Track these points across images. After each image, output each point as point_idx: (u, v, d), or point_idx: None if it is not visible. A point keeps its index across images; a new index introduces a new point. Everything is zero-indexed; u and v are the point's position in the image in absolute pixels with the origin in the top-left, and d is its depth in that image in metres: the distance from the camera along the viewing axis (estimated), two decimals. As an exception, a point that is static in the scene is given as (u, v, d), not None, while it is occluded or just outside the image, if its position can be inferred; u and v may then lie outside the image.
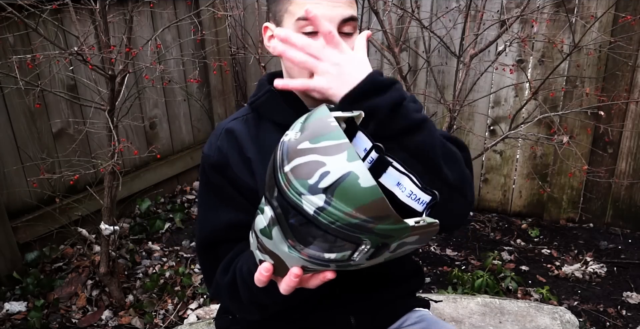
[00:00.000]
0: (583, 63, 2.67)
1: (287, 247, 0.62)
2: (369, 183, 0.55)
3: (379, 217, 0.56)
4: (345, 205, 0.55)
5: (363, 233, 0.57)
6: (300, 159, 0.58)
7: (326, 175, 0.56)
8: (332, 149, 0.57)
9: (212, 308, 2.25)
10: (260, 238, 0.65)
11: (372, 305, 1.06)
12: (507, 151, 3.02)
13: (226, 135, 0.96)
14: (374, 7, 2.23)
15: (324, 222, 0.57)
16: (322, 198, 0.56)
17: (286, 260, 0.64)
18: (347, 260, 0.61)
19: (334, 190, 0.55)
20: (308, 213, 0.57)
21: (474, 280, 2.30)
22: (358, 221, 0.56)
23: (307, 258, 0.62)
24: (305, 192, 0.57)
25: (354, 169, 0.55)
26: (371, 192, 0.55)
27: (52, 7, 1.81)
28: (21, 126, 2.34)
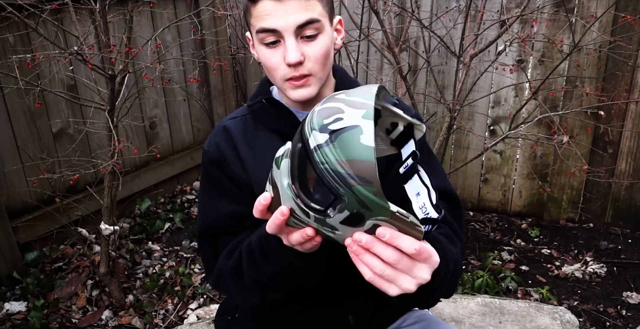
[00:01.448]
0: (583, 63, 2.66)
1: (287, 183, 0.65)
2: (368, 142, 0.58)
3: (363, 178, 0.58)
4: (340, 152, 0.59)
5: (343, 187, 0.59)
6: (330, 103, 0.65)
7: (339, 120, 0.61)
8: (357, 104, 0.62)
9: (212, 308, 2.25)
10: (273, 167, 0.69)
11: (370, 305, 1.06)
12: (507, 151, 3.02)
13: (223, 133, 1.00)
14: (374, 7, 2.22)
15: (317, 159, 0.61)
16: (325, 138, 0.61)
17: (282, 196, 0.67)
18: (324, 212, 0.63)
19: (338, 135, 0.60)
20: (309, 146, 0.62)
21: (474, 280, 2.30)
22: (343, 172, 0.59)
23: (297, 200, 0.65)
24: (317, 128, 0.62)
25: (363, 125, 0.59)
26: (367, 151, 0.58)
27: (52, 7, 1.81)
28: (21, 126, 2.34)
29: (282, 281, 0.88)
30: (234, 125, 1.00)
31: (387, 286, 0.65)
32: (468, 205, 3.20)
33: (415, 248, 0.62)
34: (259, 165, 0.96)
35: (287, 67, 0.88)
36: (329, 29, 0.91)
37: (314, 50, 0.88)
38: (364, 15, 2.50)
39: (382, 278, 0.64)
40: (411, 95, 2.49)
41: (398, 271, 0.64)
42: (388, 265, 0.63)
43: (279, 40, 0.87)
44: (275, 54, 0.89)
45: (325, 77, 0.93)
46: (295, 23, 0.85)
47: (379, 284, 0.65)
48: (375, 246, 0.63)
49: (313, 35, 0.88)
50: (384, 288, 0.65)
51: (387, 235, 0.61)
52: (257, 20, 0.87)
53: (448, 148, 3.02)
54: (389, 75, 3.00)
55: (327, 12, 0.90)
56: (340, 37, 0.98)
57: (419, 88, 3.05)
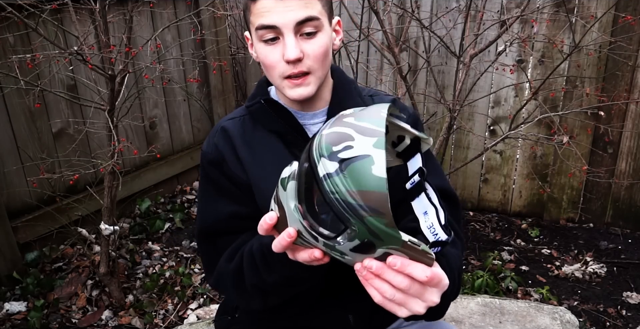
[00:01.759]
0: (583, 63, 2.66)
1: (294, 205, 0.65)
2: (380, 173, 0.57)
3: (374, 209, 0.57)
4: (351, 182, 0.58)
5: (354, 217, 0.59)
6: (339, 128, 0.63)
7: (349, 148, 0.59)
8: (367, 131, 0.61)
9: (212, 308, 2.25)
10: (278, 187, 0.69)
11: (370, 305, 1.05)
12: (507, 151, 3.02)
13: (221, 133, 1.00)
14: (374, 7, 2.22)
15: (326, 189, 0.59)
16: (335, 167, 0.59)
17: (289, 217, 0.66)
18: (334, 239, 0.62)
19: (348, 164, 0.59)
20: (318, 174, 0.60)
21: (474, 280, 2.30)
22: (354, 203, 0.58)
23: (303, 222, 0.64)
24: (326, 155, 0.60)
25: (374, 155, 0.58)
26: (378, 182, 0.57)
27: (52, 7, 1.81)
28: (21, 126, 2.34)
29: (283, 288, 0.88)
30: (232, 125, 1.00)
31: (397, 309, 0.65)
32: (468, 205, 3.20)
33: (427, 275, 0.61)
34: (257, 165, 0.96)
35: (286, 64, 0.88)
36: (328, 28, 0.91)
37: (313, 47, 0.88)
38: (364, 15, 2.50)
39: (392, 302, 0.64)
40: (411, 95, 2.49)
41: (408, 296, 0.64)
42: (398, 290, 0.63)
43: (278, 37, 0.88)
44: (274, 51, 0.88)
45: (324, 77, 0.93)
46: (295, 19, 0.85)
47: (389, 307, 0.65)
48: (385, 273, 0.63)
49: (312, 33, 0.88)
50: (394, 311, 0.65)
51: (398, 264, 0.61)
52: (257, 17, 0.87)
53: (448, 148, 3.02)
54: (389, 75, 3.00)
55: (327, 12, 0.91)
56: (339, 38, 0.98)
57: (419, 88, 3.05)
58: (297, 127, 0.96)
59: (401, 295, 0.63)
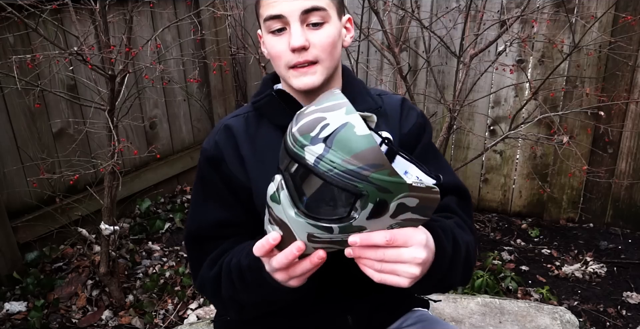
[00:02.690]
0: (583, 63, 2.66)
1: (294, 212, 0.65)
2: (364, 132, 0.60)
3: (374, 164, 0.60)
4: (342, 152, 0.60)
5: (360, 181, 0.60)
6: (306, 118, 0.64)
7: (326, 126, 0.61)
8: (333, 107, 0.64)
9: (212, 308, 2.25)
10: (271, 206, 0.69)
11: (369, 305, 1.06)
12: (507, 151, 3.02)
13: (224, 131, 0.99)
14: (374, 7, 2.23)
15: (323, 169, 0.61)
16: (322, 147, 0.61)
17: (293, 226, 0.67)
18: (348, 217, 0.63)
19: (333, 138, 0.60)
20: (309, 163, 0.61)
21: (474, 280, 2.30)
22: (354, 168, 0.60)
23: (312, 221, 0.65)
24: (308, 143, 0.62)
25: (351, 120, 0.61)
26: (366, 140, 0.60)
27: (52, 7, 1.81)
28: (21, 126, 2.34)
29: (259, 306, 0.90)
30: (236, 122, 0.99)
31: (396, 279, 0.69)
32: (468, 205, 3.20)
33: (386, 239, 0.66)
34: (258, 163, 0.95)
35: (292, 54, 0.88)
36: (336, 21, 0.91)
37: (320, 37, 0.88)
38: (364, 15, 2.50)
39: (386, 273, 0.69)
40: (411, 95, 2.49)
41: (392, 263, 0.68)
42: (380, 261, 0.68)
43: (285, 27, 0.88)
44: (281, 41, 0.89)
45: (332, 69, 0.92)
46: (301, 8, 0.86)
47: (390, 281, 0.69)
48: (361, 253, 0.68)
49: (319, 23, 0.88)
50: (396, 283, 0.69)
51: (357, 241, 0.66)
52: (265, 9, 0.88)
53: (448, 148, 3.02)
54: (389, 75, 3.00)
55: (335, 6, 0.91)
56: (350, 36, 0.98)
57: (419, 88, 3.05)
58: None
59: (386, 264, 0.68)
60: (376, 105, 0.98)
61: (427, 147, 1.01)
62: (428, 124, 1.04)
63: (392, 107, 1.01)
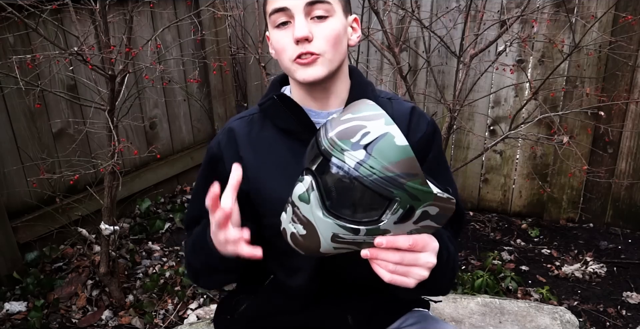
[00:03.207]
0: (583, 63, 2.66)
1: (322, 213, 0.69)
2: (403, 142, 0.65)
3: (409, 174, 0.65)
4: (382, 159, 0.65)
5: (396, 187, 0.65)
6: (344, 125, 0.68)
7: (367, 134, 0.66)
8: (372, 116, 0.68)
9: (212, 308, 2.25)
10: (297, 205, 0.71)
11: (369, 305, 1.06)
12: (507, 151, 3.02)
13: (227, 133, 1.01)
14: (374, 7, 2.22)
15: (363, 174, 0.65)
16: (363, 153, 0.65)
17: (319, 226, 0.70)
18: (377, 221, 0.68)
19: (373, 146, 0.65)
20: (350, 166, 0.65)
21: (474, 280, 2.30)
22: (392, 175, 0.65)
23: (340, 222, 0.69)
24: (348, 149, 0.66)
25: (390, 130, 0.66)
26: (405, 150, 0.65)
27: (52, 7, 1.81)
28: (21, 126, 2.34)
29: (206, 272, 0.99)
30: (239, 124, 1.01)
31: (405, 280, 0.73)
32: (468, 205, 3.20)
33: (409, 243, 0.71)
34: (259, 163, 0.96)
35: (295, 46, 0.88)
36: (341, 16, 0.92)
37: (324, 30, 0.88)
38: (364, 15, 2.50)
39: (398, 274, 0.73)
40: (411, 95, 2.49)
41: (407, 266, 0.73)
42: (396, 264, 0.72)
43: (290, 21, 0.89)
44: (286, 35, 0.89)
45: (337, 63, 0.92)
46: (305, 0, 0.87)
47: (399, 281, 0.73)
48: (379, 255, 0.71)
49: (323, 16, 0.89)
50: (404, 283, 0.73)
51: (383, 243, 0.70)
52: (271, 4, 0.90)
53: (448, 148, 3.02)
54: (389, 75, 3.00)
55: (341, 3, 0.92)
56: (357, 35, 0.98)
57: (419, 88, 3.05)
58: (309, 125, 0.94)
59: (401, 267, 0.72)
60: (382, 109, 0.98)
61: (438, 157, 1.01)
62: (438, 133, 1.03)
63: (401, 113, 1.00)
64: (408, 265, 0.72)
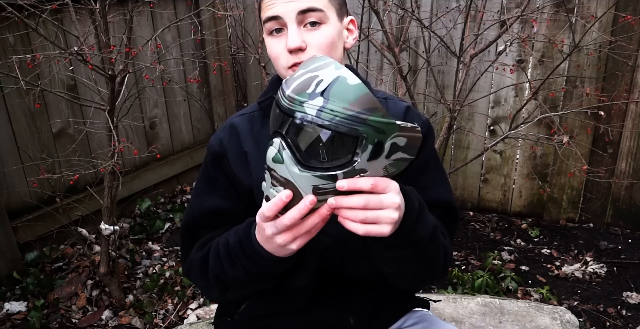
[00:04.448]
0: (583, 63, 2.66)
1: (298, 169, 0.70)
2: (355, 81, 0.67)
3: (369, 109, 0.67)
4: (340, 101, 0.67)
5: (360, 124, 0.67)
6: (298, 80, 0.70)
7: (320, 82, 0.68)
8: (321, 66, 0.70)
9: (212, 308, 2.25)
10: (274, 168, 0.72)
11: (370, 305, 1.06)
12: (507, 151, 3.02)
13: (229, 129, 1.01)
14: (374, 7, 2.23)
15: (326, 119, 0.67)
16: (321, 100, 0.67)
17: (298, 182, 0.71)
18: (351, 161, 0.69)
19: (329, 91, 0.67)
20: (312, 115, 0.67)
21: (474, 280, 2.30)
22: (353, 113, 0.66)
23: (317, 172, 0.70)
24: (306, 99, 0.67)
25: (342, 73, 0.68)
26: (359, 88, 0.67)
27: (52, 7, 1.81)
28: (21, 126, 2.34)
29: (244, 284, 0.91)
30: (241, 121, 1.01)
31: (379, 228, 0.72)
32: (468, 205, 3.20)
33: (370, 183, 0.70)
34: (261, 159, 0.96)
35: (289, 55, 0.88)
36: (335, 22, 0.91)
37: (317, 38, 0.89)
38: (364, 15, 2.50)
39: (369, 223, 0.72)
40: (411, 95, 2.49)
41: (375, 210, 0.71)
42: (363, 209, 0.71)
43: (283, 28, 0.89)
44: (279, 43, 0.90)
45: None
46: (296, 8, 0.87)
47: (374, 231, 0.72)
48: (343, 202, 0.70)
49: (316, 24, 0.89)
50: (380, 232, 0.72)
51: (345, 185, 0.69)
52: (264, 12, 0.90)
53: (448, 148, 3.02)
54: (389, 75, 3.00)
55: (335, 7, 0.92)
56: (353, 37, 0.98)
57: (419, 88, 3.05)
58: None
59: (369, 212, 0.71)
60: None
61: (428, 156, 1.00)
62: (431, 133, 1.03)
63: (396, 113, 1.00)
64: (374, 208, 0.71)
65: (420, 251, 0.84)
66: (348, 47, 0.98)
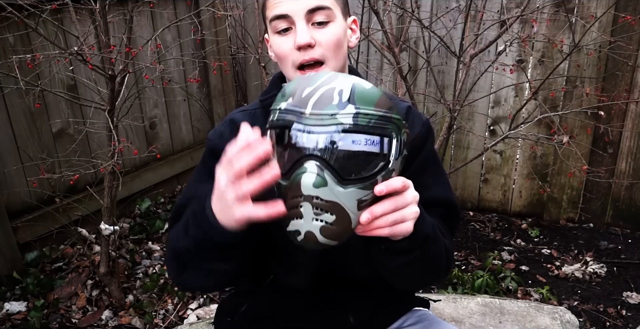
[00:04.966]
0: (583, 63, 2.66)
1: (342, 186, 0.69)
2: (369, 85, 0.70)
3: (390, 107, 0.70)
4: (367, 105, 0.68)
5: (389, 123, 0.69)
6: (314, 97, 0.69)
7: (342, 92, 0.68)
8: (330, 78, 0.70)
9: (212, 308, 2.25)
10: (316, 195, 0.69)
11: (370, 305, 1.06)
12: (507, 151, 3.02)
13: (229, 124, 1.01)
14: (374, 7, 2.23)
15: (364, 123, 0.68)
16: (352, 107, 0.68)
17: (344, 201, 0.69)
18: (387, 164, 0.70)
19: (354, 98, 0.68)
20: (349, 123, 0.67)
21: (474, 280, 2.30)
22: (382, 113, 0.69)
23: (360, 185, 0.69)
24: (337, 111, 0.67)
25: (354, 80, 0.70)
26: (376, 90, 0.70)
27: (52, 7, 1.81)
28: (21, 126, 2.34)
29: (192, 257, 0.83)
30: (242, 116, 1.01)
31: (403, 226, 0.73)
32: (468, 205, 3.20)
33: (402, 182, 0.71)
34: None
35: (298, 52, 0.88)
36: (341, 21, 0.92)
37: (326, 36, 0.89)
38: (364, 15, 2.50)
39: (398, 224, 0.72)
40: (411, 95, 2.49)
41: (400, 210, 0.72)
42: (392, 212, 0.71)
43: (291, 27, 0.89)
44: (287, 41, 0.89)
45: (339, 68, 0.93)
46: (306, 7, 0.87)
47: (399, 230, 0.72)
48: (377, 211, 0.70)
49: (324, 22, 0.89)
50: (406, 229, 0.73)
51: (384, 189, 0.69)
52: (271, 10, 0.89)
53: (448, 148, 3.02)
54: (389, 75, 3.00)
55: (340, 6, 0.92)
56: (355, 37, 0.99)
57: (419, 88, 3.05)
58: None
59: (397, 213, 0.71)
60: None
61: (427, 157, 1.00)
62: (431, 133, 1.03)
63: None
64: (402, 208, 0.72)
65: (426, 251, 0.83)
66: (351, 47, 0.99)
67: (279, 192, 0.72)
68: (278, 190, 0.72)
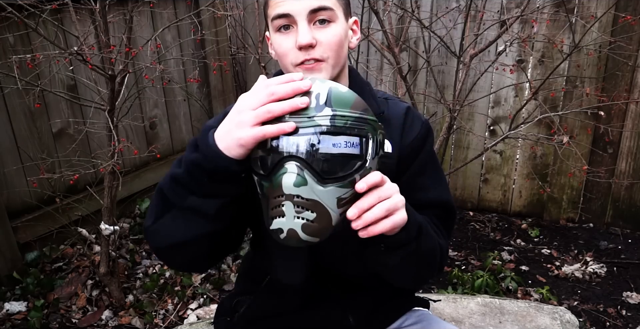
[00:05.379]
0: (583, 63, 2.66)
1: (321, 185, 0.72)
2: (344, 88, 0.74)
3: (365, 109, 0.74)
4: (343, 107, 0.72)
5: (364, 124, 0.73)
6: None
7: (318, 96, 0.72)
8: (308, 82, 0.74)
9: (212, 308, 2.25)
10: (297, 193, 0.72)
11: (370, 304, 1.06)
12: (507, 151, 3.02)
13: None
14: (374, 7, 2.23)
15: (340, 124, 0.71)
16: (329, 109, 0.71)
17: (324, 199, 0.72)
18: (364, 164, 0.73)
19: (331, 100, 0.72)
20: (326, 125, 0.71)
21: (474, 280, 2.30)
22: (358, 114, 0.73)
23: (338, 184, 0.72)
24: (314, 113, 0.71)
25: (330, 84, 0.74)
26: (352, 93, 0.74)
27: (52, 7, 1.81)
28: (21, 126, 2.34)
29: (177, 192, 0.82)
30: None
31: (399, 215, 0.76)
32: (468, 205, 3.20)
33: (379, 175, 0.74)
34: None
35: (298, 51, 0.88)
36: (342, 21, 0.92)
37: (327, 36, 0.89)
38: (364, 15, 2.50)
39: (391, 212, 0.75)
40: (411, 95, 2.49)
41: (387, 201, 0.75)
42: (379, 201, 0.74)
43: (292, 25, 0.89)
44: (288, 39, 0.89)
45: (339, 68, 0.93)
46: (308, 7, 0.87)
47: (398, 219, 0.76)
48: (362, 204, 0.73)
49: (326, 22, 0.89)
50: (402, 218, 0.77)
51: (364, 186, 0.72)
52: (273, 9, 0.89)
53: (448, 148, 3.02)
54: (389, 75, 3.00)
55: (342, 7, 0.92)
56: (356, 38, 0.99)
57: (419, 88, 3.05)
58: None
59: (385, 203, 0.74)
60: (379, 110, 0.98)
61: (426, 158, 1.00)
62: (430, 134, 1.03)
63: (396, 114, 1.00)
64: (387, 197, 0.74)
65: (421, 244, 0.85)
66: (352, 47, 0.99)
67: (262, 193, 0.76)
68: (261, 191, 0.76)
